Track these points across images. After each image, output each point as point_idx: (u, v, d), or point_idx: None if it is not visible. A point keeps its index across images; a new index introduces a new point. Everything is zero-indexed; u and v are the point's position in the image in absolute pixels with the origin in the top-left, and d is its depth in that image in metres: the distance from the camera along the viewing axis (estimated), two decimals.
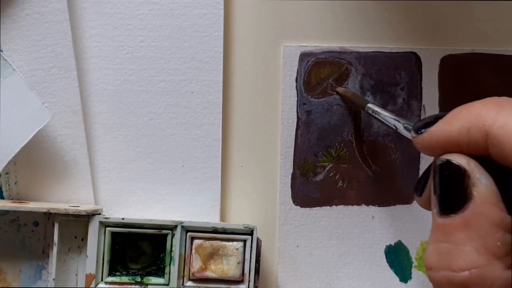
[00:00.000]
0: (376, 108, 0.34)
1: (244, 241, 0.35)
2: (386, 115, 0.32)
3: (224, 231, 0.35)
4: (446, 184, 0.23)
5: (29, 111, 0.35)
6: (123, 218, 0.35)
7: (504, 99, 0.23)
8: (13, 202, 0.36)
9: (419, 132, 0.25)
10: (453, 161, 0.22)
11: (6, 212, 0.37)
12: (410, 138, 0.26)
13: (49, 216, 0.37)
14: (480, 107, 0.23)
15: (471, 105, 0.23)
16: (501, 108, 0.22)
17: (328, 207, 0.39)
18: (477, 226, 0.21)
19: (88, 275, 0.35)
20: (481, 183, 0.22)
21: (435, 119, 0.25)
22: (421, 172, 0.39)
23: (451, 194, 0.22)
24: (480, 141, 0.22)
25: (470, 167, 0.22)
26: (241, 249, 0.35)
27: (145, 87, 0.38)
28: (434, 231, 0.23)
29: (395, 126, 0.30)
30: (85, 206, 0.36)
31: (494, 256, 0.21)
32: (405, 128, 0.28)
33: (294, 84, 0.38)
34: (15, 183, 0.37)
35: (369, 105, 0.34)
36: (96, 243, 0.35)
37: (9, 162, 0.35)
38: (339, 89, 0.38)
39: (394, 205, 0.39)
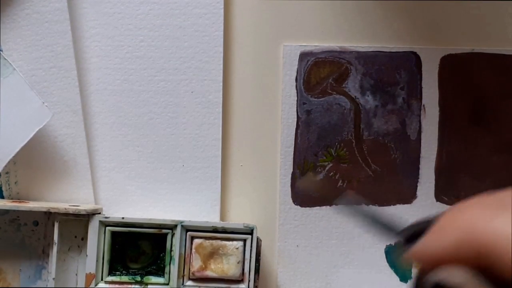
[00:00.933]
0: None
1: (244, 240, 0.35)
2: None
3: (224, 231, 0.35)
4: None
5: (29, 110, 0.35)
6: (123, 218, 0.35)
7: (492, 203, 0.21)
8: (13, 201, 0.36)
9: (410, 243, 0.24)
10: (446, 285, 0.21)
11: (6, 212, 0.37)
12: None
13: (49, 216, 0.37)
14: (476, 215, 0.21)
15: (466, 211, 0.22)
16: (495, 216, 0.20)
17: (328, 206, 0.38)
18: None
19: (88, 274, 0.35)
20: None
21: (424, 227, 0.23)
22: (421, 172, 0.39)
23: None
24: (471, 258, 0.21)
25: None
26: (241, 249, 0.35)
27: (145, 86, 0.38)
28: None
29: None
30: (85, 205, 0.36)
31: None
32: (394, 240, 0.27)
33: (294, 83, 0.38)
34: (15, 182, 0.37)
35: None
36: (96, 243, 0.35)
37: (9, 162, 0.35)
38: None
39: (394, 205, 0.39)
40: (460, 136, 0.38)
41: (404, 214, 0.39)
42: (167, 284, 0.35)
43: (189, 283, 0.35)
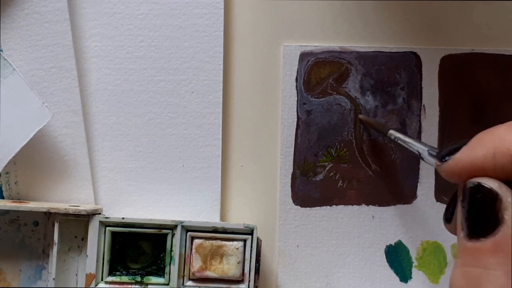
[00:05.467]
0: (398, 135, 0.33)
1: (244, 240, 0.35)
2: (409, 142, 0.32)
3: (224, 231, 0.35)
4: (477, 208, 0.22)
5: (29, 111, 0.35)
6: (123, 218, 0.35)
7: None
8: (13, 201, 0.36)
9: (444, 160, 0.25)
10: (484, 185, 0.22)
11: (6, 212, 0.37)
12: (434, 166, 0.26)
13: (49, 216, 0.37)
14: (504, 131, 0.23)
15: (495, 129, 0.23)
16: None
17: (328, 207, 0.39)
18: (508, 250, 0.21)
19: (88, 274, 0.35)
20: None
21: (459, 146, 0.24)
22: (421, 172, 0.39)
23: (482, 217, 0.22)
24: (507, 166, 0.22)
25: (501, 191, 0.22)
26: (241, 249, 0.35)
27: (145, 87, 0.38)
28: (461, 255, 0.23)
29: (418, 152, 0.30)
30: (85, 205, 0.36)
31: None
32: (429, 154, 0.28)
33: (294, 84, 0.38)
34: (15, 183, 0.37)
35: (391, 131, 0.34)
36: (96, 243, 0.35)
37: (9, 162, 0.35)
38: (361, 117, 0.38)
39: (394, 205, 0.39)
40: (460, 136, 0.38)
41: (404, 214, 0.39)
42: (167, 284, 0.35)
43: (189, 283, 0.35)
